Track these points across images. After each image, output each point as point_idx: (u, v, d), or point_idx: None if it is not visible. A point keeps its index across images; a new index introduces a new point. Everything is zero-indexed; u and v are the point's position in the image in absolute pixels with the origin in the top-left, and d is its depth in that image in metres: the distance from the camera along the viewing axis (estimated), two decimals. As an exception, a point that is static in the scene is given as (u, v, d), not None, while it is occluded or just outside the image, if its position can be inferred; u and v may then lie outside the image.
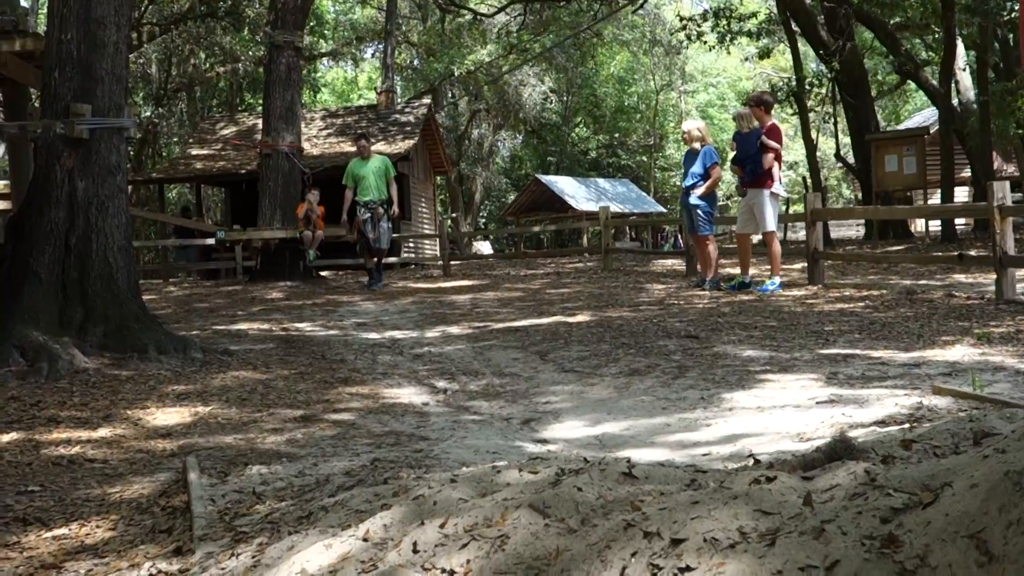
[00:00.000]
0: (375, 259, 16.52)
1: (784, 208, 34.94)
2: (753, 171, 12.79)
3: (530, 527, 2.57)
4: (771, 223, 12.88)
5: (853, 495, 2.35)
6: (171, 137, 41.19)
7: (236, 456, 5.16)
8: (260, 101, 26.41)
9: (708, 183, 13.38)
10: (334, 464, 4.69)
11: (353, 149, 28.98)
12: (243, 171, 27.82)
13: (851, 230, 40.55)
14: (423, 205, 33.25)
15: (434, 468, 4.38)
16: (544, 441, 5.44)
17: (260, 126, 21.85)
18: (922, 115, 43.41)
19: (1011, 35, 25.72)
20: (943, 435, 3.16)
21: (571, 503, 2.70)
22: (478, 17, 38.72)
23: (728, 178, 35.44)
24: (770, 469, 2.86)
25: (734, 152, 13.29)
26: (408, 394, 7.02)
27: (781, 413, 5.60)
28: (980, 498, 2.10)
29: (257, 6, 30.42)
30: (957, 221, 25.79)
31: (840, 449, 2.82)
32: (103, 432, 5.96)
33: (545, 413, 6.17)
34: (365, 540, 2.84)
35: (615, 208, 38.51)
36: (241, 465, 4.80)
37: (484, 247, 45.10)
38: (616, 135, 57.88)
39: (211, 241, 22.88)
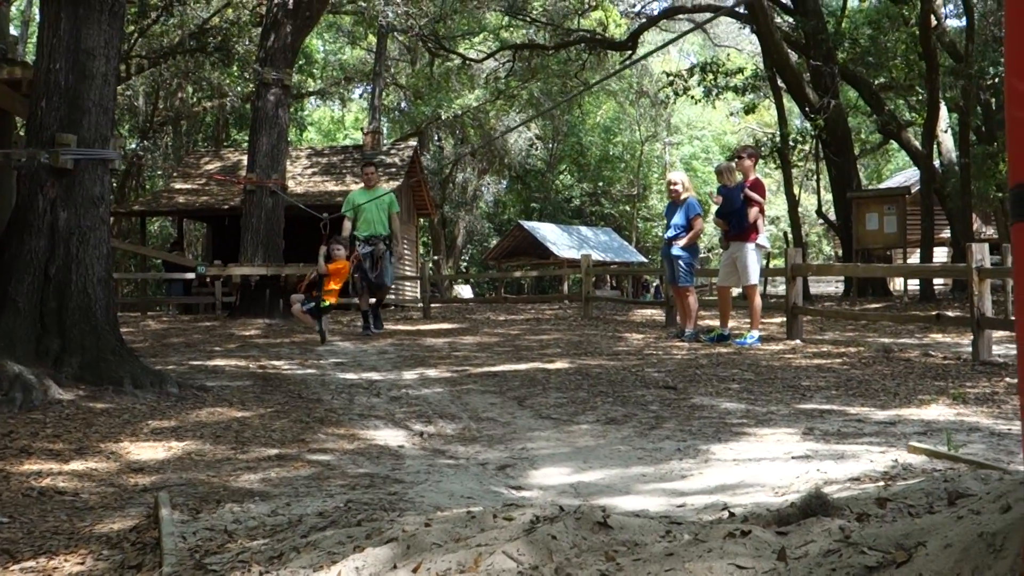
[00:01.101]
0: (374, 299, 15.10)
1: (765, 262, 35.06)
2: (738, 224, 12.85)
3: (504, 574, 2.56)
4: (754, 277, 12.93)
5: (827, 552, 2.35)
6: (155, 170, 41.18)
7: (209, 493, 5.12)
8: (246, 137, 26.45)
9: (691, 234, 13.43)
10: (308, 504, 4.66)
11: (337, 188, 28.94)
12: (226, 207, 27.84)
13: (831, 286, 40.73)
14: (405, 247, 33.21)
15: (408, 511, 4.36)
16: (520, 488, 5.42)
17: (245, 162, 21.86)
18: (904, 175, 43.73)
19: (993, 99, 25.98)
20: (917, 494, 3.17)
21: (546, 551, 2.69)
22: (467, 62, 38.93)
23: (710, 230, 35.60)
24: (745, 523, 2.86)
25: (718, 205, 13.35)
26: (384, 436, 6.99)
27: (757, 466, 5.59)
28: (954, 559, 2.10)
29: (247, 43, 30.48)
30: (936, 281, 25.94)
31: (815, 505, 2.82)
32: (76, 465, 5.91)
33: (521, 459, 6.15)
34: (337, 582, 2.82)
35: (597, 256, 38.64)
36: (214, 503, 4.76)
37: (465, 291, 45.10)
38: (600, 184, 58.11)
39: (191, 276, 22.83)
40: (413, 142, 36.78)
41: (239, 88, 35.67)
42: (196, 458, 6.15)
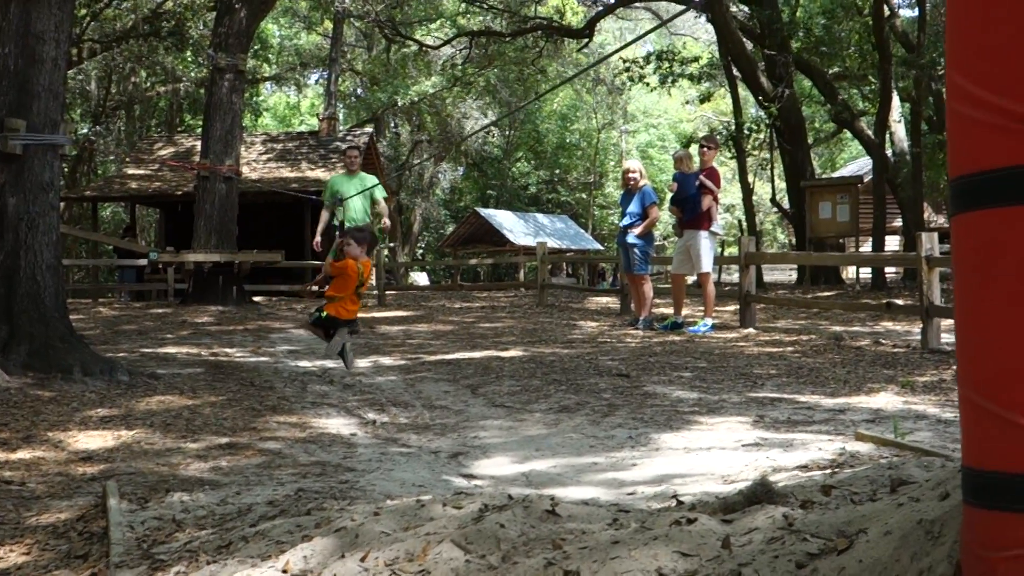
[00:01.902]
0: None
1: (719, 251, 35.24)
2: (692, 212, 12.92)
3: (451, 563, 2.57)
4: (707, 264, 13.00)
5: (771, 539, 2.38)
6: (107, 155, 40.80)
7: (158, 482, 5.09)
8: (200, 122, 26.23)
9: (646, 223, 13.48)
10: (258, 493, 4.64)
11: (293, 174, 28.78)
12: (179, 193, 27.66)
13: (784, 274, 41.00)
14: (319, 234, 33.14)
15: (359, 500, 4.36)
16: (472, 476, 5.42)
17: (199, 148, 21.71)
18: (857, 164, 44.07)
19: (944, 90, 26.20)
20: (862, 482, 3.20)
21: (493, 539, 2.70)
22: (424, 49, 38.83)
23: (665, 218, 35.73)
24: (691, 511, 2.88)
25: (673, 193, 13.41)
26: (337, 424, 6.98)
27: (707, 455, 5.63)
28: (893, 545, 2.13)
29: (201, 27, 30.26)
30: (888, 269, 26.18)
31: (760, 493, 2.84)
32: (22, 454, 5.86)
33: (474, 448, 6.16)
34: (284, 572, 2.82)
35: (553, 244, 38.66)
36: (163, 491, 4.73)
37: (421, 278, 45.06)
38: (557, 171, 58.19)
39: (144, 262, 22.66)
40: (369, 128, 36.67)
41: (193, 73, 35.41)
42: (146, 447, 6.11)
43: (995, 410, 1.89)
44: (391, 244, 44.23)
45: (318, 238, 13.05)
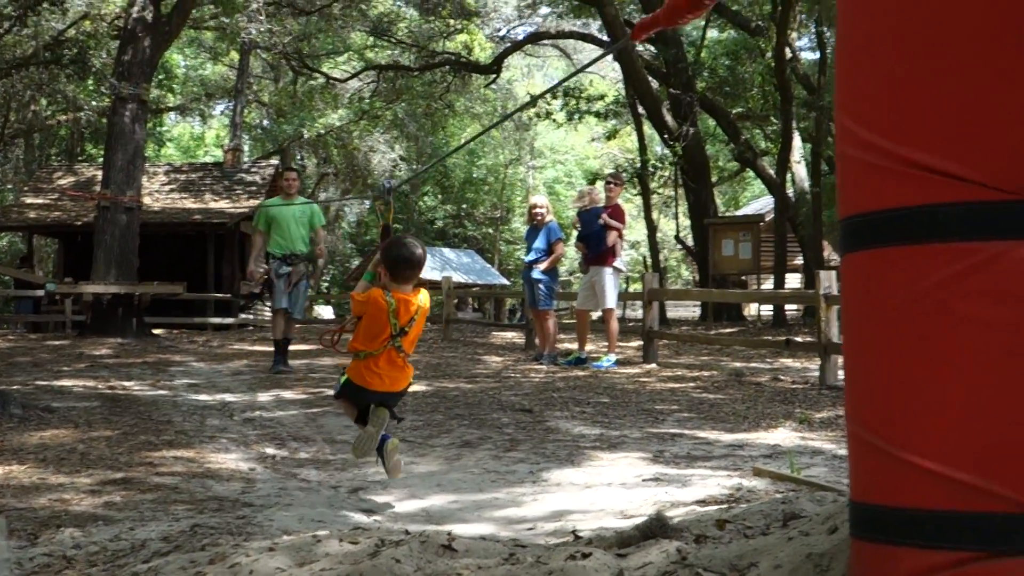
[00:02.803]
0: (285, 329, 12.48)
1: (624, 287, 35.52)
2: (596, 248, 13.01)
3: (344, 599, 2.54)
4: (611, 301, 13.09)
5: (664, 573, 2.39)
6: (5, 184, 40.02)
7: (49, 518, 4.98)
8: (101, 152, 25.87)
9: (551, 259, 13.54)
10: (152, 529, 4.56)
11: (196, 205, 28.41)
12: (79, 223, 27.21)
13: (688, 310, 41.43)
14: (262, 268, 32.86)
15: (256, 536, 4.30)
16: (371, 511, 5.38)
17: (100, 177, 21.40)
18: (759, 202, 44.78)
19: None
20: (756, 516, 3.24)
21: (389, 575, 2.69)
22: (331, 81, 38.71)
23: (571, 254, 35.94)
24: (588, 545, 2.89)
25: (579, 229, 13.51)
26: (235, 459, 6.88)
27: (607, 490, 5.65)
28: (783, 580, 2.16)
29: (104, 56, 29.85)
30: (788, 306, 26.59)
31: (655, 528, 2.86)
32: (-91, 488, 5.70)
33: (374, 483, 6.11)
34: (175, 608, 2.78)
35: (459, 278, 38.67)
36: (54, 527, 4.63)
37: (326, 312, 44.73)
38: (464, 206, 58.27)
39: (41, 293, 22.23)
40: (275, 160, 36.41)
41: (95, 102, 34.89)
42: (37, 481, 5.97)
43: (881, 445, 1.94)
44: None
45: (252, 266, 12.35)
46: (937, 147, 1.87)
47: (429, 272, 42.36)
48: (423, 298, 5.38)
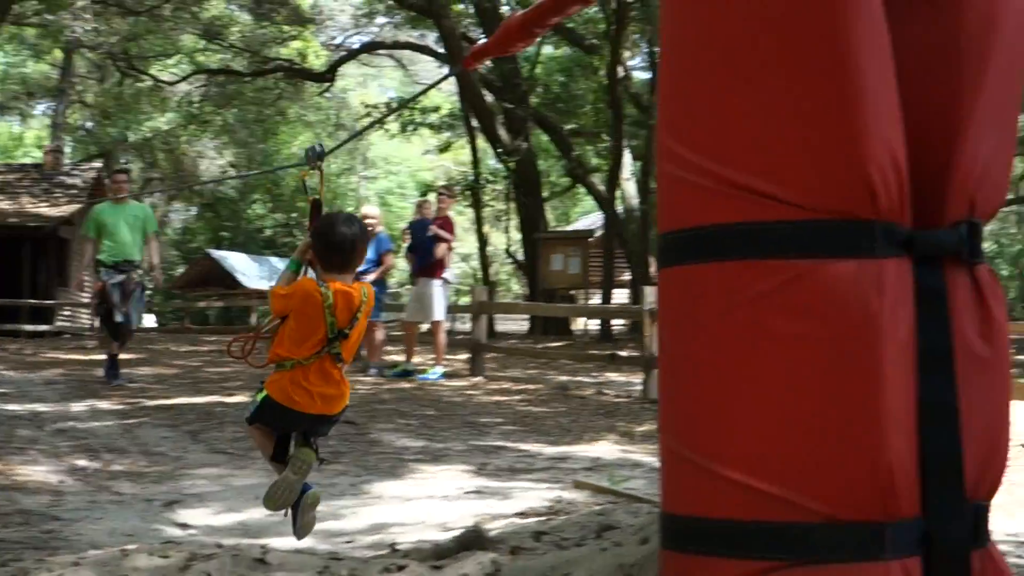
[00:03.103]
0: (119, 342, 11.82)
1: (454, 299, 35.54)
2: (425, 260, 13.01)
3: (150, 613, 2.47)
4: (440, 313, 13.09)
5: (478, 585, 2.39)
6: None
7: None
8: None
9: (380, 269, 13.46)
10: (-48, 542, 4.37)
11: (12, 207, 27.46)
12: None
13: (517, 324, 41.68)
14: (86, 276, 31.95)
15: (62, 550, 4.16)
16: (186, 525, 5.26)
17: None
18: (590, 218, 45.33)
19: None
20: (573, 528, 3.27)
21: (198, 588, 2.62)
22: (159, 84, 37.83)
23: (402, 266, 35.86)
24: (404, 558, 2.88)
25: (409, 241, 13.49)
26: (44, 471, 6.63)
27: (429, 503, 5.64)
28: (594, 590, 2.18)
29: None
30: (616, 321, 26.99)
31: (471, 540, 2.86)
32: None
33: (190, 496, 5.97)
34: (-29, 624, 2.66)
35: (287, 288, 38.09)
36: None
37: (147, 320, 43.68)
38: (294, 215, 57.53)
39: None
40: (98, 163, 35.40)
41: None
42: None
43: (691, 457, 1.97)
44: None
45: (83, 276, 11.68)
46: (749, 166, 1.92)
47: (257, 281, 41.74)
48: (366, 291, 4.17)
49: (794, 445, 1.88)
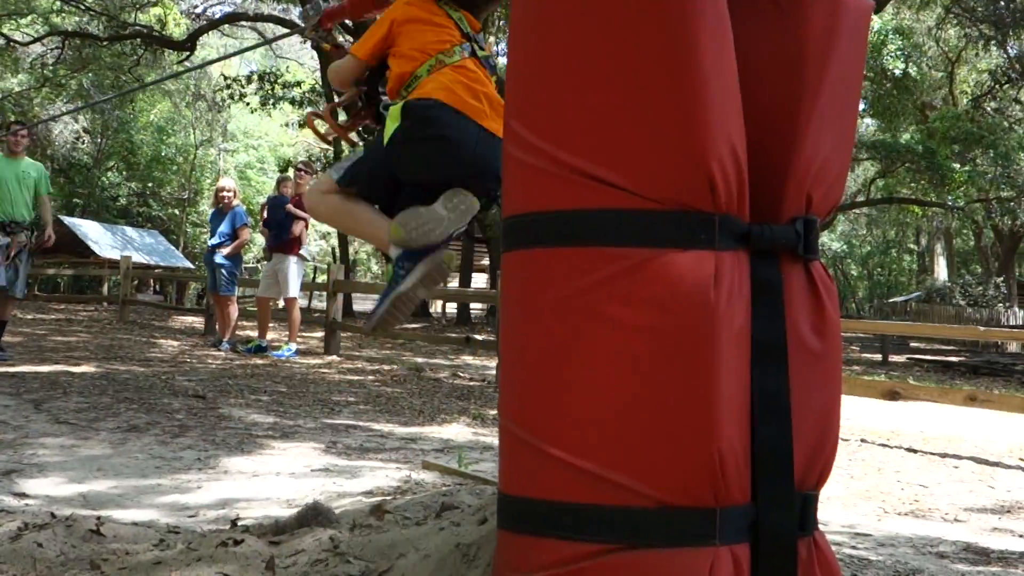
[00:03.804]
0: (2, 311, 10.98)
1: (311, 277, 35.28)
2: (281, 236, 12.89)
3: (-22, 584, 2.43)
4: (294, 290, 12.99)
5: (316, 561, 2.40)
6: None
7: None
8: None
9: (235, 244, 13.31)
10: None
11: None
12: None
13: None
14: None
15: None
16: (24, 495, 5.14)
17: None
18: (450, 201, 45.33)
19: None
20: (416, 507, 3.29)
21: (29, 559, 2.58)
22: (11, 44, 36.63)
23: (259, 241, 35.41)
24: (244, 533, 2.87)
25: (265, 216, 13.35)
26: None
27: (276, 479, 5.61)
28: (431, 568, 2.21)
29: None
30: (474, 305, 27.10)
31: (310, 516, 2.87)
32: None
33: (30, 466, 5.84)
34: None
35: (140, 259, 37.45)
36: None
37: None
38: (150, 184, 56.33)
39: None
40: (-56, 123, 34.18)
41: None
42: None
43: (527, 439, 2.01)
44: None
45: None
46: (591, 153, 1.95)
47: (109, 251, 40.84)
48: None
49: (626, 430, 1.93)
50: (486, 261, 30.92)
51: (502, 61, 30.05)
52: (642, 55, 1.94)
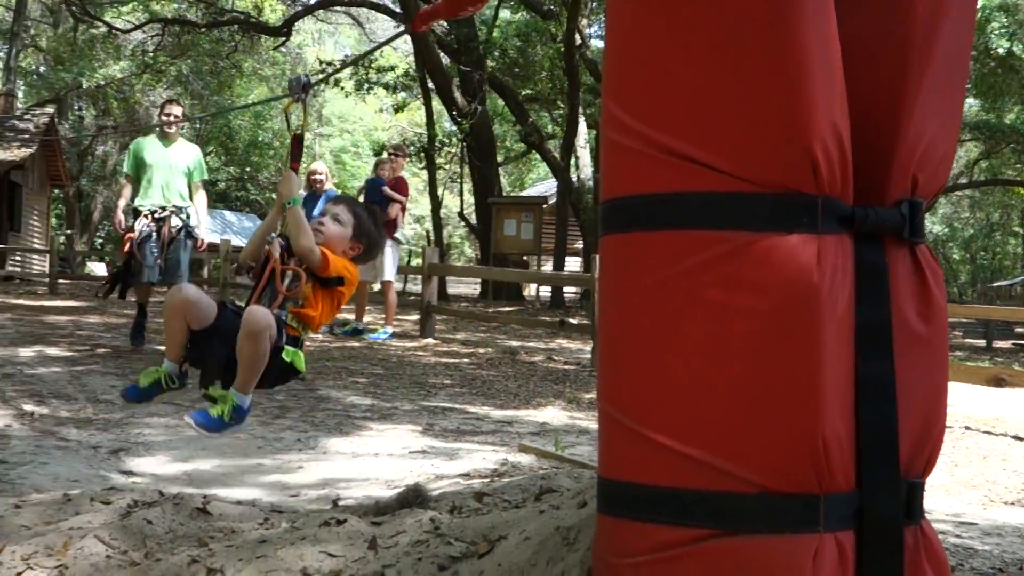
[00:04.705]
0: (145, 296, 10.40)
1: (406, 260, 35.53)
2: (376, 220, 12.98)
3: (91, 557, 2.49)
4: (389, 273, 13.08)
5: (417, 541, 2.43)
6: None
7: None
8: None
9: (331, 227, 13.43)
10: None
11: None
12: None
13: (470, 288, 41.69)
14: (35, 218, 31.68)
15: (4, 493, 4.16)
16: (131, 473, 5.27)
17: None
18: (544, 185, 45.34)
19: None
20: (515, 490, 3.31)
21: (139, 535, 2.65)
22: (113, 31, 37.33)
23: (354, 224, 35.69)
24: (345, 512, 2.91)
25: (363, 199, 13.46)
26: (-10, 415, 6.62)
27: (375, 460, 5.67)
28: (531, 550, 2.22)
29: None
30: (568, 289, 27.08)
31: (412, 498, 2.90)
32: None
33: (137, 444, 5.98)
34: (-88, 566, 2.67)
35: (239, 242, 37.97)
36: None
37: (99, 269, 43.28)
38: (248, 169, 57.08)
39: None
40: (50, 109, 34.96)
41: None
42: None
43: (627, 423, 2.01)
44: (68, 231, 42.29)
45: (120, 216, 10.07)
46: (690, 135, 1.94)
47: (209, 235, 41.42)
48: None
49: (728, 415, 1.91)
50: (580, 244, 30.86)
51: (595, 43, 29.97)
52: (743, 33, 1.92)
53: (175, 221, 10.05)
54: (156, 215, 9.99)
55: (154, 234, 9.91)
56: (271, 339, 3.35)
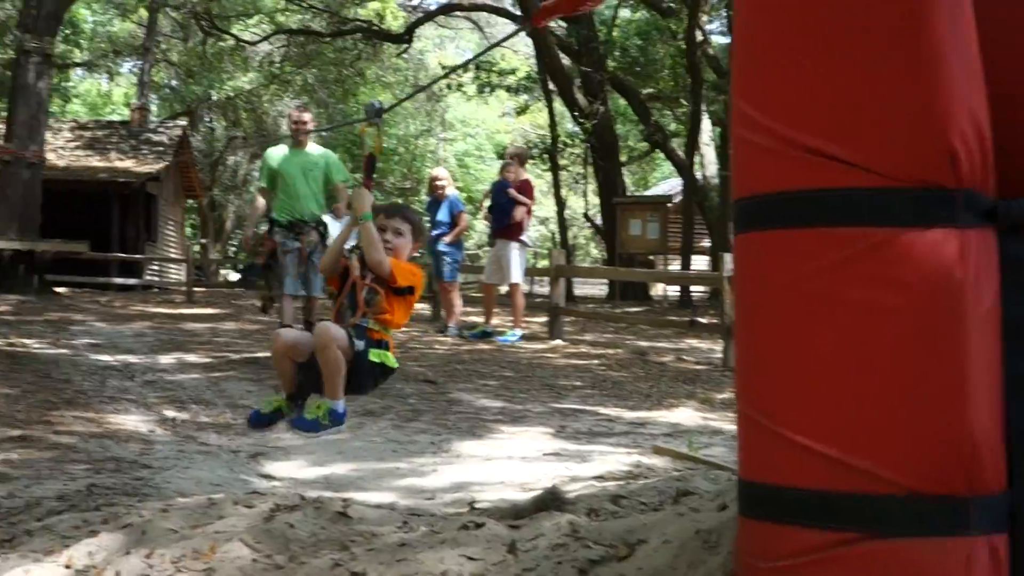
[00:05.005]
0: (289, 311, 10.31)
1: (532, 262, 35.63)
2: (503, 222, 13.04)
3: (237, 561, 2.55)
4: (517, 275, 13.13)
5: (556, 545, 2.43)
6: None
7: (-59, 476, 4.90)
8: (4, 106, 25.29)
9: (456, 231, 13.53)
10: (48, 487, 4.52)
11: (101, 163, 27.63)
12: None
13: (596, 288, 41.61)
14: (171, 228, 32.51)
15: (151, 497, 4.28)
16: (270, 477, 5.38)
17: (2, 132, 20.98)
18: (669, 183, 45.08)
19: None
20: (651, 492, 3.30)
21: (282, 539, 2.70)
22: (240, 44, 38.13)
23: (480, 228, 35.96)
24: (481, 516, 2.93)
25: (489, 202, 13.54)
26: (135, 421, 6.81)
27: (508, 463, 5.70)
28: (672, 553, 2.21)
29: (9, 7, 29.12)
30: (695, 288, 26.87)
31: (549, 501, 2.91)
32: None
33: (275, 449, 6.09)
34: (67, 567, 2.76)
35: (366, 248, 38.37)
36: (-54, 485, 4.56)
37: (233, 276, 44.21)
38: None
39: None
40: (183, 121, 35.87)
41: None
42: (-70, 439, 5.87)
43: (769, 425, 1.98)
44: (202, 240, 43.24)
45: (248, 234, 9.96)
46: (826, 132, 1.91)
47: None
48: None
49: (872, 415, 1.88)
50: (706, 243, 30.60)
51: (717, 39, 29.69)
52: (876, 25, 1.89)
53: (313, 236, 10.05)
54: (296, 230, 10.01)
55: (295, 248, 9.95)
56: (343, 349, 3.65)
